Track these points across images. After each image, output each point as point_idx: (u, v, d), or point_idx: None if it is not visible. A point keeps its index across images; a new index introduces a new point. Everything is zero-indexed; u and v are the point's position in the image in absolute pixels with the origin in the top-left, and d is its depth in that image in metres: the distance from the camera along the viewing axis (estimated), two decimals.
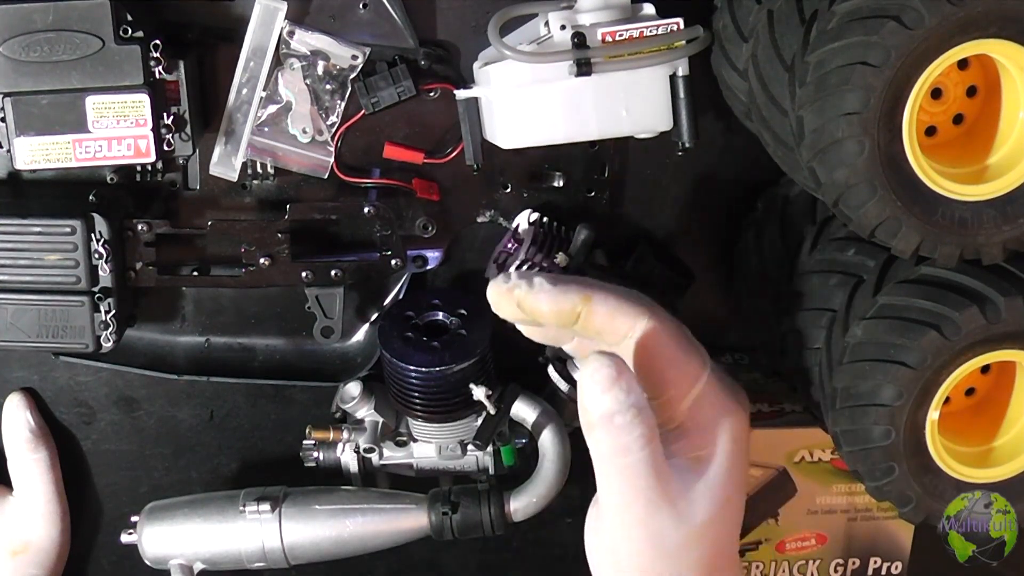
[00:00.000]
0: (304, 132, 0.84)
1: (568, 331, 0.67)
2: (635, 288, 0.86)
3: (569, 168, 0.89)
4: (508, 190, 0.90)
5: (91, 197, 0.81)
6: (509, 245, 0.87)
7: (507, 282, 0.64)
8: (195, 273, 0.86)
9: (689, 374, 0.61)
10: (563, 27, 0.78)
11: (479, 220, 0.91)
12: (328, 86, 0.84)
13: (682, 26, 0.79)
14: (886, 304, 0.75)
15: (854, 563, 0.95)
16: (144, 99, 0.77)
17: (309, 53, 0.83)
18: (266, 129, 0.84)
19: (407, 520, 0.86)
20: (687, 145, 0.83)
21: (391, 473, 0.92)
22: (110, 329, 0.81)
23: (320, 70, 0.83)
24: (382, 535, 0.87)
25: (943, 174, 0.69)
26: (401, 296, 0.91)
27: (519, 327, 0.70)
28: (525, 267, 0.84)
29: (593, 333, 0.62)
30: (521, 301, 0.63)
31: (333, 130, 0.85)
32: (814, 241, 0.85)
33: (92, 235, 0.79)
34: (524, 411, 0.88)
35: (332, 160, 0.85)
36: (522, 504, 0.87)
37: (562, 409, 0.90)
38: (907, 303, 0.74)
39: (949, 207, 0.70)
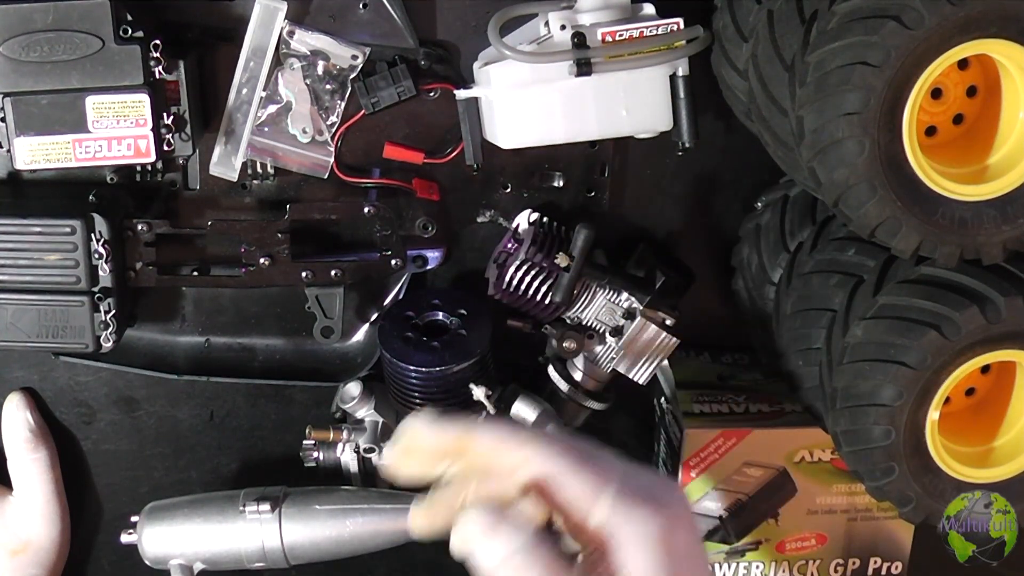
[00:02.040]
0: (304, 132, 0.84)
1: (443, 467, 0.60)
2: (635, 288, 0.86)
3: (569, 168, 0.89)
4: (508, 190, 0.90)
5: (91, 197, 0.81)
6: (509, 245, 0.87)
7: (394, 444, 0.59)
8: (195, 273, 0.86)
9: (585, 494, 0.56)
10: (563, 27, 0.78)
11: (479, 220, 0.91)
12: (328, 86, 0.84)
13: (682, 26, 0.79)
14: (886, 304, 0.75)
15: (854, 563, 0.95)
16: (144, 99, 0.77)
17: (309, 53, 0.83)
18: (266, 129, 0.84)
19: (407, 520, 0.86)
20: (687, 145, 0.83)
21: None
22: (110, 329, 0.81)
23: (320, 70, 0.83)
24: (382, 535, 0.86)
25: (943, 174, 0.69)
26: (401, 296, 0.91)
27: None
28: (525, 267, 0.84)
29: (481, 469, 0.57)
30: (408, 445, 0.58)
31: (333, 130, 0.85)
32: (814, 241, 0.85)
33: (92, 235, 0.79)
34: (524, 411, 0.88)
35: (332, 160, 0.85)
36: None
37: (562, 409, 0.90)
38: (907, 303, 0.74)
39: (949, 207, 0.70)
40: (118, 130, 0.77)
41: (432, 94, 0.85)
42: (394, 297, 0.91)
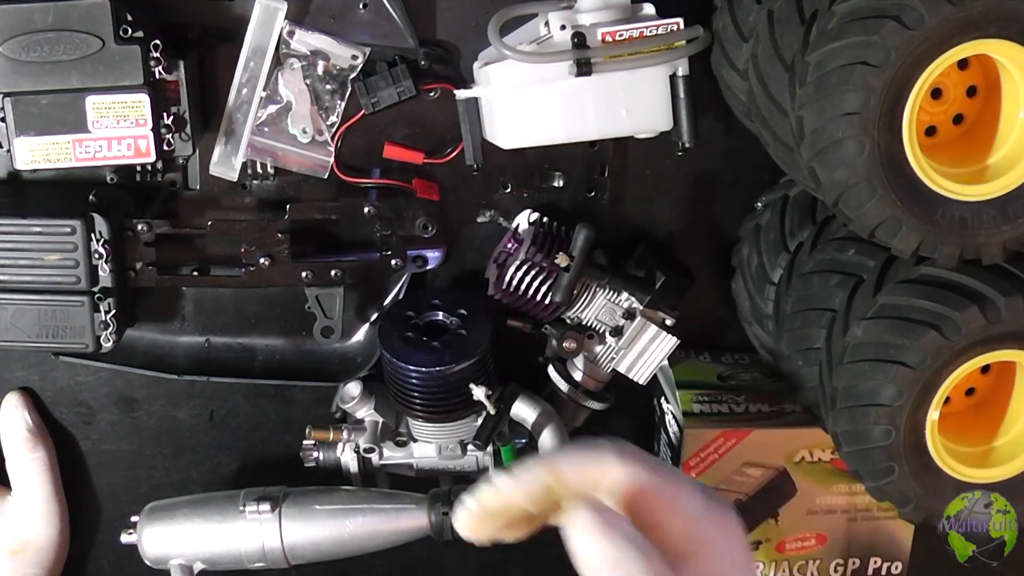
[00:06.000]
0: (304, 132, 0.84)
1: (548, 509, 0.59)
2: (636, 287, 0.86)
3: (569, 168, 0.89)
4: (508, 190, 0.90)
5: (91, 197, 0.81)
6: (509, 245, 0.87)
7: (470, 508, 0.59)
8: (195, 273, 0.86)
9: (675, 497, 0.58)
10: (563, 27, 0.78)
11: (479, 220, 0.91)
12: (328, 86, 0.84)
13: (682, 26, 0.79)
14: (886, 304, 0.75)
15: (854, 563, 0.95)
16: (144, 99, 0.77)
17: (309, 53, 0.83)
18: (266, 129, 0.84)
19: (407, 520, 0.86)
20: (687, 145, 0.83)
21: (391, 473, 0.92)
22: (110, 329, 0.81)
23: (320, 70, 0.83)
24: (382, 535, 0.86)
25: (943, 174, 0.69)
26: (401, 296, 0.91)
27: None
28: (525, 267, 0.84)
29: (572, 495, 0.57)
30: (492, 508, 0.59)
31: (333, 130, 0.85)
32: (814, 241, 0.85)
33: (92, 235, 0.79)
34: (524, 411, 0.88)
35: (332, 160, 0.85)
36: None
37: (562, 409, 0.90)
38: (907, 303, 0.74)
39: (949, 207, 0.70)
40: (118, 130, 0.77)
41: (432, 94, 0.85)
42: (394, 297, 0.91)
